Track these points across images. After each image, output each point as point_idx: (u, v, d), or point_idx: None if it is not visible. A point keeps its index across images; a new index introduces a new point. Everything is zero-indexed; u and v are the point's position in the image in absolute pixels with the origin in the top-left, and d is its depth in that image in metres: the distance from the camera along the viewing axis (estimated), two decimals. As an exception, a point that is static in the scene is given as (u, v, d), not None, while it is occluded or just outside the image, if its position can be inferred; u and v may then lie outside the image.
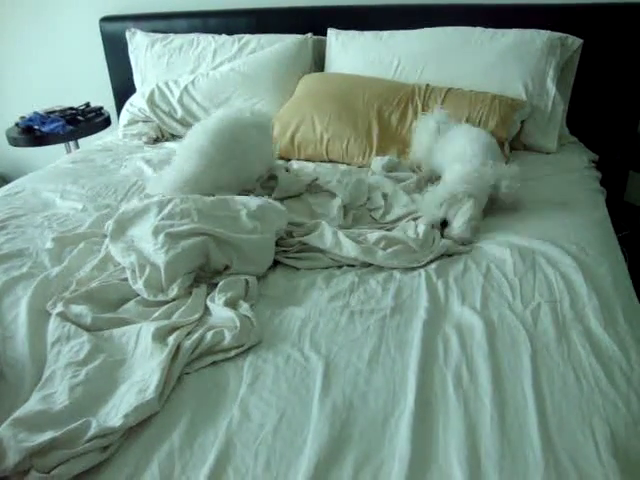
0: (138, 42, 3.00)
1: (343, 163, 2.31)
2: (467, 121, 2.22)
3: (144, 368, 1.18)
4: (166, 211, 1.51)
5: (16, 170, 3.80)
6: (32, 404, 1.08)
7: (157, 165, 2.35)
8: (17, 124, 3.14)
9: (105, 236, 1.64)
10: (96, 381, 1.15)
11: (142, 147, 2.65)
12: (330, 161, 2.33)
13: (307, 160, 2.34)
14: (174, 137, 2.79)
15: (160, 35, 2.97)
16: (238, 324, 1.24)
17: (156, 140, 2.75)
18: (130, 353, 1.25)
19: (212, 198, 1.61)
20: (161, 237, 1.44)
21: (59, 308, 1.35)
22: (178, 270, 1.41)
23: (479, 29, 2.48)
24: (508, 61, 2.38)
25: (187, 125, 2.73)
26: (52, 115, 3.14)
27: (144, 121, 2.78)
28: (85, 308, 1.34)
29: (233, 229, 1.51)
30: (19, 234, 1.81)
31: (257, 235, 1.51)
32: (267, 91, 2.66)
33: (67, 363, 1.18)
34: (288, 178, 1.99)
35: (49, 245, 1.71)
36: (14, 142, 3.06)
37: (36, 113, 3.14)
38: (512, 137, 2.32)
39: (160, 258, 1.41)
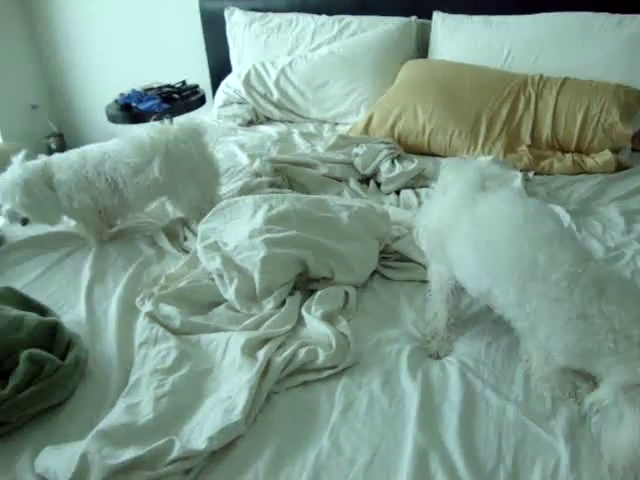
0: (236, 20, 2.94)
1: (445, 156, 2.16)
2: (586, 114, 2.03)
3: (231, 382, 1.11)
4: (261, 212, 1.42)
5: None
6: (117, 415, 1.04)
7: (249, 150, 2.28)
8: (116, 101, 3.17)
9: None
10: (181, 392, 1.10)
11: (236, 130, 2.60)
12: (432, 154, 2.19)
13: (408, 152, 2.19)
14: (269, 120, 2.72)
15: (259, 14, 2.89)
16: (334, 343, 1.15)
17: (250, 123, 2.68)
18: (217, 363, 1.18)
19: (310, 197, 1.51)
20: (258, 243, 1.35)
21: (148, 307, 1.30)
22: (275, 282, 1.33)
23: (603, 15, 2.25)
24: (636, 51, 2.15)
25: (283, 108, 2.66)
26: (149, 93, 3.14)
27: (239, 103, 2.72)
28: (174, 309, 1.29)
29: (334, 235, 1.41)
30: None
31: (359, 243, 1.41)
32: (367, 76, 2.53)
33: (153, 369, 1.14)
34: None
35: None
36: (112, 119, 3.09)
37: (134, 90, 3.16)
38: (635, 132, 2.09)
39: (256, 267, 1.32)
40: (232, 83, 2.77)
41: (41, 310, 1.27)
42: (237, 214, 1.48)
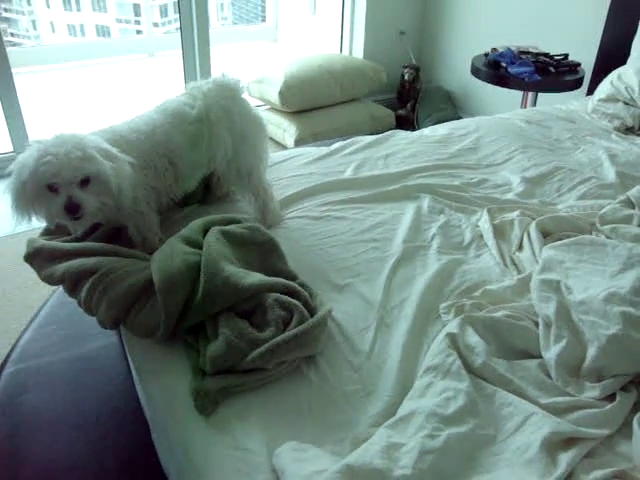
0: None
1: None
2: None
3: (512, 474, 0.86)
4: (634, 274, 1.08)
5: (467, 100, 3.68)
6: (373, 451, 0.86)
7: (622, 165, 1.87)
8: (486, 54, 2.93)
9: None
10: (452, 456, 0.88)
11: (609, 133, 2.18)
12: None
13: None
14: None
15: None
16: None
17: (628, 130, 2.23)
18: (504, 435, 0.94)
19: None
20: (615, 313, 1.03)
21: (453, 326, 1.09)
22: (612, 367, 1.01)
23: None
24: None
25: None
26: (524, 57, 2.82)
27: (626, 103, 2.27)
28: (481, 343, 1.05)
29: None
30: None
31: None
32: None
33: (431, 412, 0.93)
34: None
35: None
36: (476, 72, 2.87)
37: (509, 49, 2.87)
38: None
39: (598, 342, 1.01)
40: (626, 77, 2.31)
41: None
42: (599, 258, 1.17)
